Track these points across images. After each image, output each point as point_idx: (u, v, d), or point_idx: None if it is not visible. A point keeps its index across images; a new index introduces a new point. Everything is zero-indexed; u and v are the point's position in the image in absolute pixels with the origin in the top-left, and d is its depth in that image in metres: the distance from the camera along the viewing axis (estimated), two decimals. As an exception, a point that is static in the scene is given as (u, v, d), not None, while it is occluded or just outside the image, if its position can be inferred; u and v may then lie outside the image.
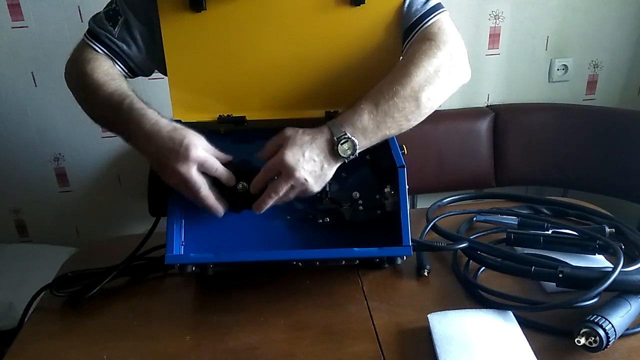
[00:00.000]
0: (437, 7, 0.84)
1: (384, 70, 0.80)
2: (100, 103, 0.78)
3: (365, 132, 0.74)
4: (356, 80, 0.83)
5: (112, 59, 0.85)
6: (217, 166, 0.73)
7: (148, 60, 0.88)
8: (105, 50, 0.84)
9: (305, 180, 0.72)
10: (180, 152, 0.70)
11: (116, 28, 0.84)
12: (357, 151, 0.73)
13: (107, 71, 0.82)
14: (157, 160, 0.73)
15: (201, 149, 0.72)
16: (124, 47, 0.85)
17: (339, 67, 0.84)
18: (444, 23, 0.83)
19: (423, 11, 0.83)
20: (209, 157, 0.73)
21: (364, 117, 0.74)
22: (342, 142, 0.73)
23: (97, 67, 0.82)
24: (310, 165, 0.72)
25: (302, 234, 0.81)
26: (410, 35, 0.84)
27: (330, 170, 0.74)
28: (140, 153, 0.75)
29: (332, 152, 0.73)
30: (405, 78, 0.75)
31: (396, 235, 0.77)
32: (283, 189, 0.72)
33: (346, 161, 0.74)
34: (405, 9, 0.83)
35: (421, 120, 0.78)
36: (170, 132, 0.72)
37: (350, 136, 0.73)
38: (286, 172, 0.71)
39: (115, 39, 0.84)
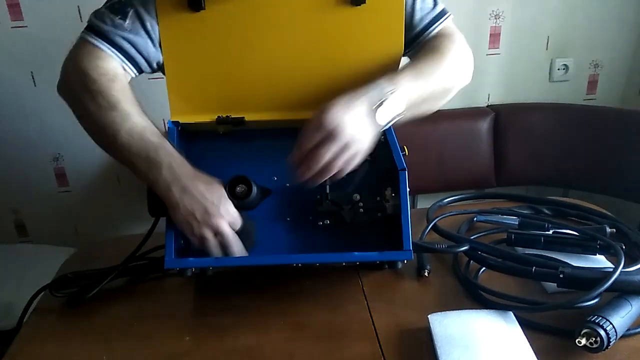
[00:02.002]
0: (444, 12, 0.89)
1: (385, 70, 0.80)
2: (125, 135, 0.74)
3: (409, 102, 0.75)
4: (356, 80, 0.82)
5: (122, 60, 0.79)
6: (239, 224, 0.76)
7: (161, 55, 0.82)
8: (115, 50, 0.78)
9: (352, 139, 0.69)
10: (219, 209, 0.73)
11: (127, 20, 0.78)
12: (398, 118, 0.75)
13: (134, 98, 0.78)
14: (187, 212, 0.73)
15: (232, 206, 0.74)
16: (138, 40, 0.79)
17: (339, 67, 0.83)
18: (452, 26, 0.90)
19: (431, 17, 0.87)
20: (238, 216, 0.75)
21: (410, 91, 0.75)
22: (384, 104, 0.72)
23: (120, 88, 0.76)
24: (357, 123, 0.70)
25: (302, 236, 0.81)
26: (421, 36, 0.87)
27: (373, 133, 0.73)
28: (167, 203, 0.74)
29: (374, 114, 0.72)
30: (444, 72, 0.82)
31: (397, 237, 0.76)
32: (331, 151, 0.69)
33: (387, 125, 0.75)
34: (412, 9, 0.86)
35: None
36: (206, 187, 0.73)
37: (393, 98, 0.73)
38: (333, 129, 0.68)
39: (127, 34, 0.78)
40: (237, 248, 0.75)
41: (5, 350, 0.73)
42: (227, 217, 0.74)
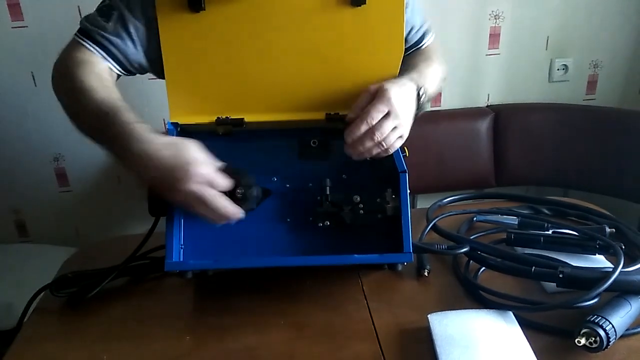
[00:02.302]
0: (429, 31, 0.99)
1: (385, 72, 0.80)
2: (89, 110, 0.73)
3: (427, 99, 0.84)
4: (357, 81, 0.83)
5: (104, 57, 0.82)
6: (222, 183, 0.71)
7: (143, 58, 0.85)
8: (97, 48, 0.81)
9: (404, 120, 0.76)
10: (187, 173, 0.68)
11: (110, 22, 0.81)
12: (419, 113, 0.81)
13: (100, 75, 0.79)
14: (160, 182, 0.69)
15: (205, 165, 0.70)
16: (118, 41, 0.81)
17: (339, 69, 0.83)
18: (434, 43, 1.01)
19: (420, 34, 0.97)
20: (215, 175, 0.71)
21: (428, 87, 0.85)
22: (422, 93, 0.81)
23: (90, 72, 0.78)
24: (408, 107, 0.77)
25: (302, 236, 0.81)
26: (412, 49, 0.96)
27: (413, 116, 0.79)
28: (132, 173, 0.70)
29: (416, 100, 0.79)
30: (439, 73, 0.93)
31: (397, 238, 0.77)
32: (391, 125, 0.74)
33: (419, 112, 0.81)
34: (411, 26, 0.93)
35: None
36: (170, 153, 0.69)
37: (425, 91, 0.82)
38: (395, 107, 0.74)
39: (108, 34, 0.81)
40: (227, 210, 0.71)
41: (5, 350, 0.73)
42: (200, 178, 0.68)
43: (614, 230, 0.88)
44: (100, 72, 0.80)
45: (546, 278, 0.76)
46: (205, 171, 0.69)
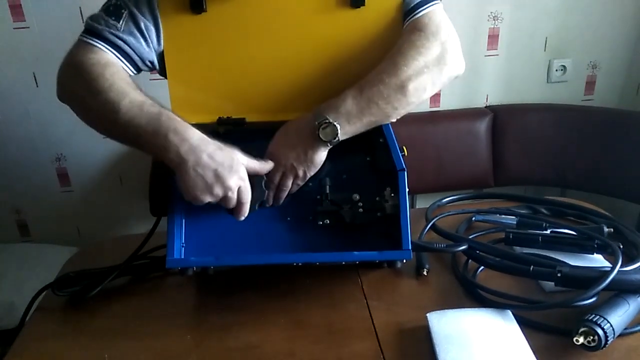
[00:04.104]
0: None
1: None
2: (131, 111, 0.72)
3: (349, 117, 0.76)
4: (356, 82, 0.83)
5: (117, 57, 0.80)
6: (248, 189, 0.75)
7: (155, 55, 0.83)
8: (110, 48, 0.79)
9: (293, 166, 0.78)
10: (233, 168, 0.72)
11: (121, 21, 0.79)
12: (340, 136, 0.76)
13: (126, 77, 0.77)
14: (205, 175, 0.71)
15: (244, 170, 0.75)
16: (132, 40, 0.79)
17: (339, 69, 0.84)
18: (436, 14, 0.82)
19: (415, 2, 0.82)
20: (247, 181, 0.75)
21: (348, 102, 0.76)
22: (323, 126, 0.75)
23: (115, 73, 0.76)
24: (295, 153, 0.78)
25: (302, 235, 0.81)
26: (408, 16, 0.83)
27: (317, 155, 0.78)
28: (175, 167, 0.72)
29: (314, 136, 0.76)
30: (392, 67, 0.77)
31: (396, 236, 0.77)
32: (276, 179, 0.80)
33: (329, 145, 0.77)
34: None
35: (410, 109, 0.79)
36: (216, 148, 0.73)
37: (331, 121, 0.75)
38: (276, 162, 0.78)
39: (120, 33, 0.79)
40: (242, 212, 0.76)
41: (7, 348, 0.74)
42: (238, 180, 0.73)
43: (612, 229, 0.88)
44: (123, 73, 0.79)
45: (544, 277, 0.76)
46: (244, 175, 0.74)
